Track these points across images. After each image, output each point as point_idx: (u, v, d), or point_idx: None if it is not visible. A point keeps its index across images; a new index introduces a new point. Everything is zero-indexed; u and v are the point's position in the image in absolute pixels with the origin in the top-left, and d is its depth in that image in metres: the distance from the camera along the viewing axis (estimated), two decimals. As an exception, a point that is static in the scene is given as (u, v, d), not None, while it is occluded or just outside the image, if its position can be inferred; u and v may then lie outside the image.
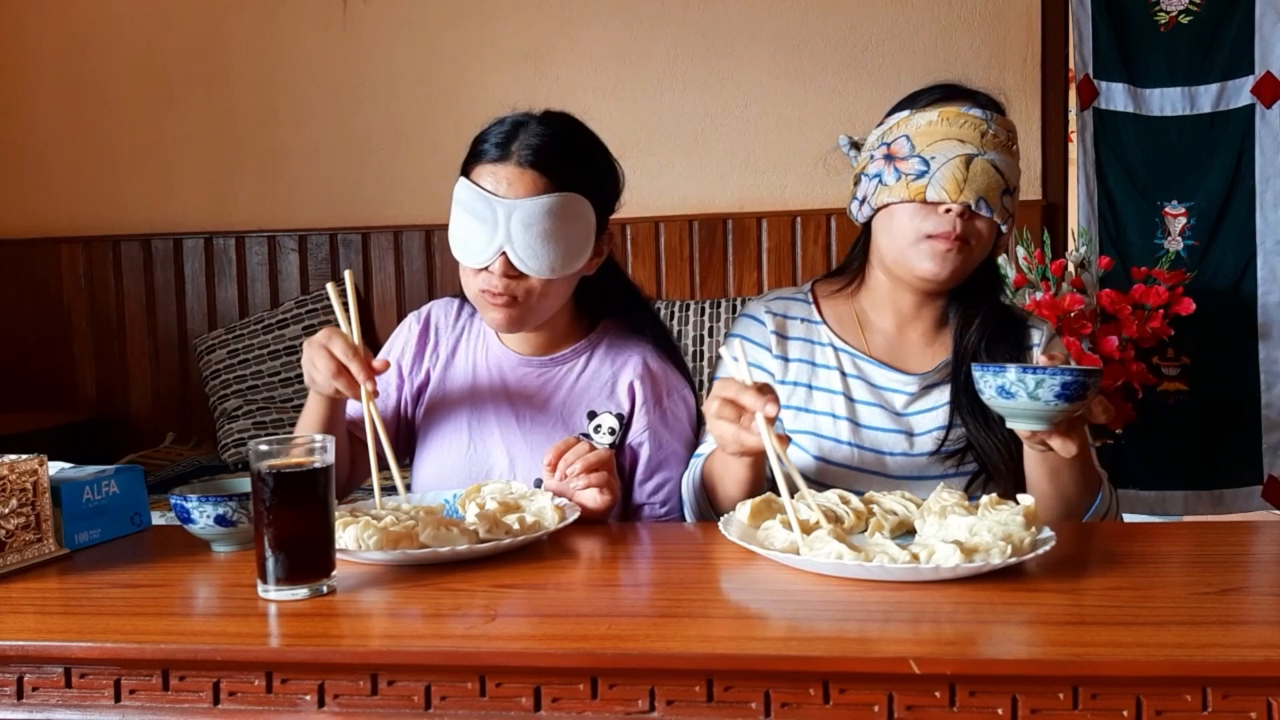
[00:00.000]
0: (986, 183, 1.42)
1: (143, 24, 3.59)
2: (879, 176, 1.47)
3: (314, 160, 3.54)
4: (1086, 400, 1.21)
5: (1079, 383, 1.19)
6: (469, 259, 1.44)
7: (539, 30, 3.40)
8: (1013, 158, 1.47)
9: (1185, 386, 3.12)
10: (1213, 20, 3.10)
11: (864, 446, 1.48)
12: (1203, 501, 3.14)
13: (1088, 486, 1.37)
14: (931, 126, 1.45)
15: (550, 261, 1.42)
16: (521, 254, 1.41)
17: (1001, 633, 0.92)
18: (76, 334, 3.65)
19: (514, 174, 1.42)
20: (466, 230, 1.44)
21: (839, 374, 1.52)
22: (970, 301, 1.53)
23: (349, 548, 1.15)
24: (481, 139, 1.47)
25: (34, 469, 1.21)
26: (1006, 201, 1.45)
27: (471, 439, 1.55)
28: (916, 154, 1.44)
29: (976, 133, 1.44)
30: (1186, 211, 3.15)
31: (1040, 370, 1.20)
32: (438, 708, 0.93)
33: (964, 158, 1.42)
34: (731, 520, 1.22)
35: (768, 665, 0.89)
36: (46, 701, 0.98)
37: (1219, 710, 0.85)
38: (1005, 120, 1.49)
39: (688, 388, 1.58)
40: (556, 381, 1.55)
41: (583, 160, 1.48)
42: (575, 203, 1.43)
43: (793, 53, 3.30)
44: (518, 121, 1.46)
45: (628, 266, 3.38)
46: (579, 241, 1.45)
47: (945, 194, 1.41)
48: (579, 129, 1.51)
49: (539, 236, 1.40)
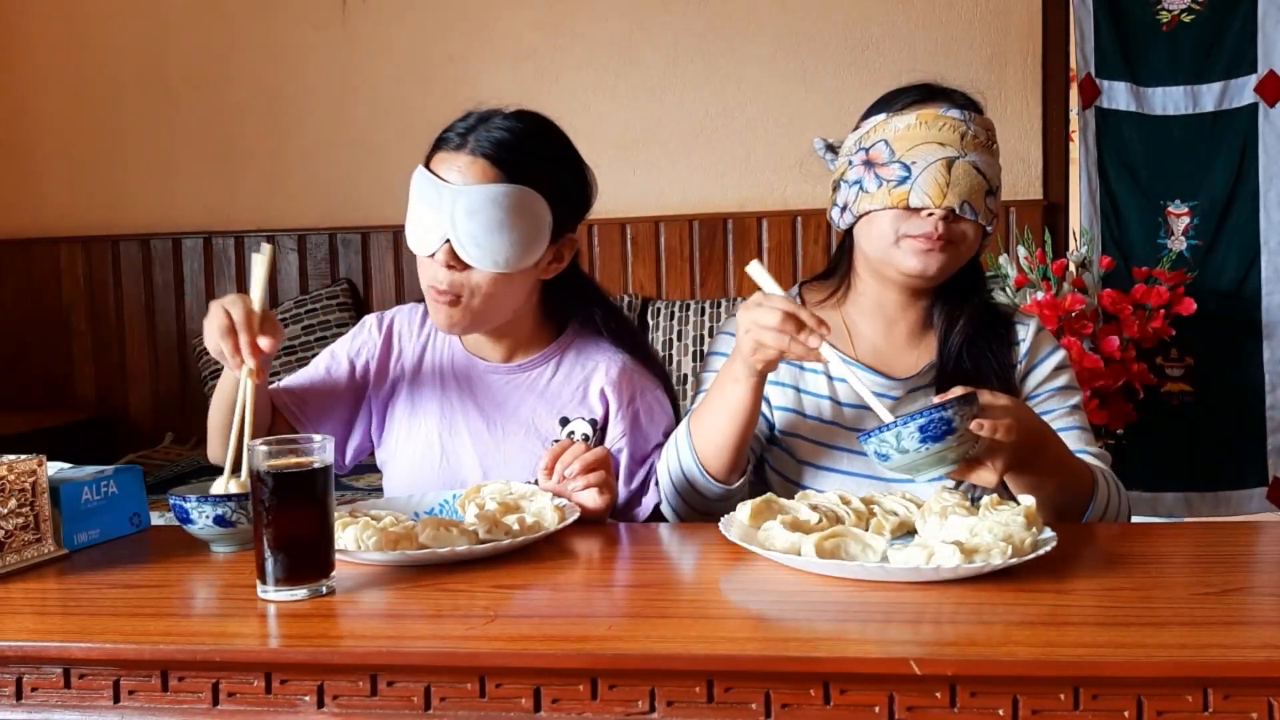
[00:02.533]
0: (969, 185, 1.40)
1: (143, 24, 3.59)
2: (859, 183, 1.45)
3: (313, 160, 3.54)
4: (958, 431, 1.18)
5: (936, 419, 1.17)
6: (416, 245, 1.43)
7: (539, 30, 3.40)
8: (993, 157, 1.45)
9: (1189, 387, 3.12)
10: (1215, 19, 3.09)
11: (853, 450, 1.47)
12: (1206, 503, 3.13)
13: (1076, 490, 1.35)
14: (910, 130, 1.42)
15: (495, 253, 1.39)
16: (465, 242, 1.38)
17: (1002, 633, 0.92)
18: (76, 334, 3.65)
19: (466, 162, 1.40)
20: (417, 217, 1.43)
21: (825, 378, 1.51)
22: (954, 302, 1.51)
23: (348, 548, 1.14)
24: (446, 129, 1.46)
25: (33, 469, 1.21)
26: (990, 202, 1.44)
27: (444, 449, 1.53)
28: (897, 159, 1.42)
29: (956, 135, 1.41)
30: (1189, 211, 3.15)
31: (894, 423, 1.19)
32: (437, 708, 0.93)
33: (945, 161, 1.40)
34: (732, 520, 1.22)
35: (768, 666, 0.88)
36: (46, 702, 0.98)
37: (1220, 711, 0.85)
38: (984, 119, 1.47)
39: (660, 387, 1.56)
40: (526, 388, 1.53)
41: (542, 158, 1.45)
42: (527, 196, 1.40)
43: (793, 52, 3.30)
44: (483, 115, 1.45)
45: (627, 266, 3.38)
46: (529, 237, 1.41)
47: (928, 199, 1.39)
48: (547, 130, 1.49)
49: (484, 225, 1.38)
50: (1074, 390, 1.53)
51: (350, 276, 3.52)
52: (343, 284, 3.48)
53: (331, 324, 3.34)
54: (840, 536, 1.11)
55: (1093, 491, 1.37)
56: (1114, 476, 1.43)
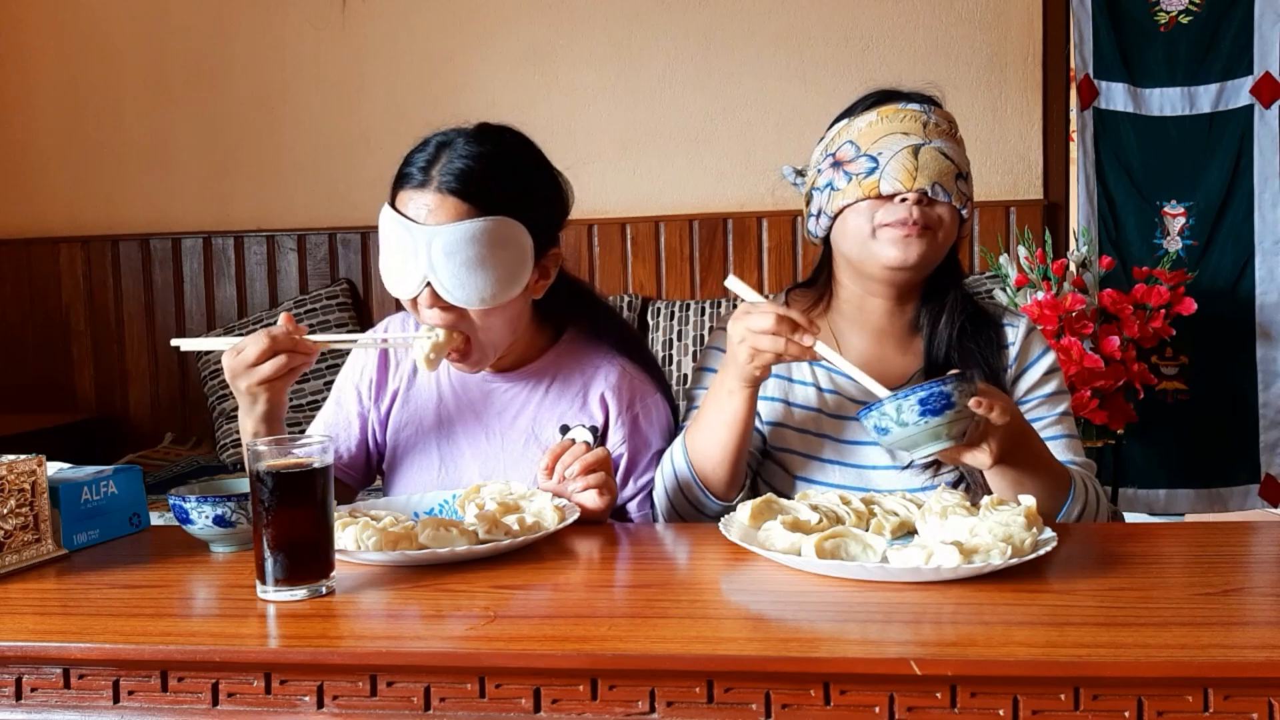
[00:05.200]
0: (938, 168, 1.40)
1: (142, 24, 3.59)
2: (830, 185, 1.45)
3: (313, 160, 3.54)
4: (956, 407, 1.20)
5: (936, 393, 1.19)
6: (396, 289, 1.39)
7: (539, 30, 3.39)
8: (958, 144, 1.45)
9: (1184, 386, 3.12)
10: (1212, 20, 3.10)
11: (845, 463, 1.46)
12: (1201, 500, 3.15)
13: (1056, 490, 1.34)
14: (873, 126, 1.43)
15: (480, 291, 1.35)
16: (447, 284, 1.34)
17: (1002, 634, 0.92)
18: (75, 334, 3.65)
19: (435, 200, 1.35)
20: (391, 262, 1.38)
21: (815, 389, 1.50)
22: (937, 301, 1.49)
23: (348, 548, 1.14)
24: (406, 162, 1.40)
25: (32, 469, 1.21)
26: (961, 186, 1.43)
27: (442, 460, 1.52)
28: (864, 154, 1.42)
29: (918, 124, 1.42)
30: (1185, 211, 3.15)
31: (894, 396, 1.20)
32: (437, 709, 0.93)
33: (911, 148, 1.40)
34: (732, 520, 1.22)
35: (768, 666, 0.88)
36: (45, 702, 0.98)
37: (1220, 711, 0.85)
38: (944, 111, 1.47)
39: (659, 391, 1.54)
40: (525, 397, 1.51)
41: (512, 181, 1.39)
42: (505, 227, 1.35)
43: (793, 53, 3.30)
44: (441, 142, 1.40)
45: (627, 266, 3.38)
46: (512, 268, 1.37)
47: (899, 184, 1.39)
48: (510, 146, 1.44)
49: (464, 265, 1.33)
50: (1063, 395, 1.51)
51: (350, 276, 3.52)
52: (342, 284, 3.48)
53: (331, 324, 3.34)
54: (840, 537, 1.11)
55: (1069, 494, 1.36)
56: (1094, 481, 1.42)
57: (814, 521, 1.18)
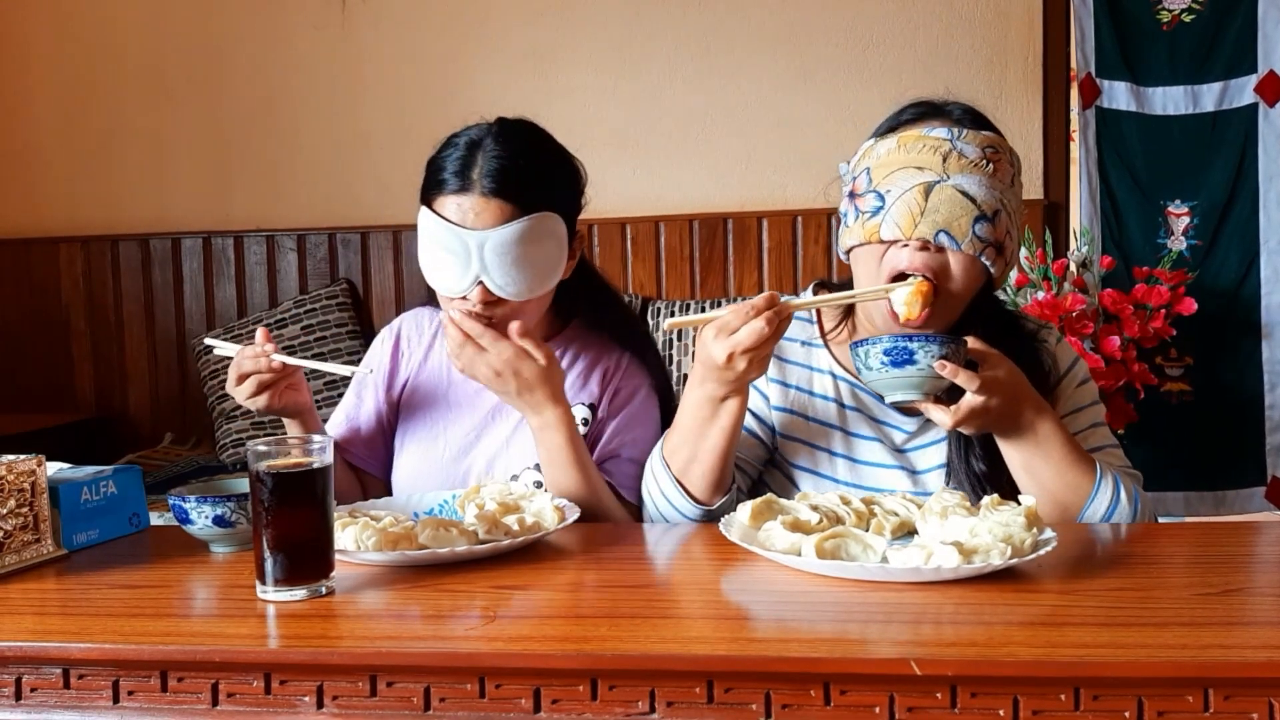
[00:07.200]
0: (950, 212, 1.28)
1: (142, 24, 3.59)
2: (845, 217, 1.39)
3: (313, 160, 3.54)
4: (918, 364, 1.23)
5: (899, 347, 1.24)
6: (446, 289, 1.43)
7: (539, 30, 3.39)
8: (989, 177, 1.31)
9: (1188, 387, 3.12)
10: (1215, 19, 3.09)
11: (863, 485, 1.42)
12: (1205, 502, 3.14)
13: (1075, 481, 1.30)
14: (890, 156, 1.33)
15: (530, 283, 1.41)
16: (499, 281, 1.39)
17: (1003, 634, 0.92)
18: (75, 334, 3.65)
19: (479, 204, 1.39)
20: (438, 262, 1.42)
21: (836, 405, 1.44)
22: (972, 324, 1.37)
23: (348, 548, 1.14)
24: (438, 166, 1.43)
25: (32, 469, 1.21)
26: (981, 229, 1.29)
27: (447, 442, 1.56)
28: (873, 188, 1.33)
29: (937, 157, 1.30)
30: (1189, 211, 3.14)
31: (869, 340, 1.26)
32: (437, 709, 0.93)
33: (923, 186, 1.29)
34: (732, 520, 1.22)
35: (768, 666, 0.88)
36: (45, 703, 0.98)
37: (1220, 711, 0.85)
38: (986, 135, 1.34)
39: (652, 384, 1.57)
40: None
41: (546, 175, 1.45)
42: (546, 221, 1.41)
43: (793, 52, 3.29)
44: (471, 142, 1.43)
45: (627, 266, 3.38)
46: (554, 258, 1.44)
47: (899, 230, 1.29)
48: (537, 139, 1.48)
49: (514, 263, 1.39)
50: (1097, 407, 1.46)
51: (350, 276, 3.51)
52: (342, 284, 3.48)
53: (331, 324, 3.33)
54: (841, 537, 1.11)
55: (1094, 489, 1.30)
56: (1134, 486, 1.35)
57: (814, 522, 1.18)
